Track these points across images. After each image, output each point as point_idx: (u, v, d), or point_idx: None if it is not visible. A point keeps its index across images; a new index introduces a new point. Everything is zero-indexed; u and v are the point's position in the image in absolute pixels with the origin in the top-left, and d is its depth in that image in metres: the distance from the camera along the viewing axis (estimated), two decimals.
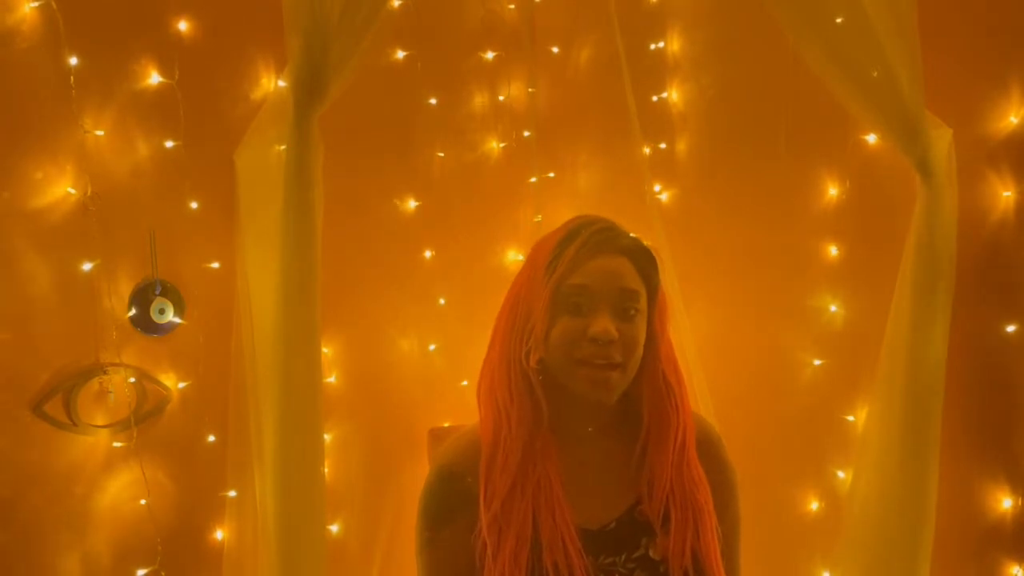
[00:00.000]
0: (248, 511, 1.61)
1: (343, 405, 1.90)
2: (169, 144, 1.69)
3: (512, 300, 1.37)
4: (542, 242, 1.38)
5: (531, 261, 1.36)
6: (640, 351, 1.30)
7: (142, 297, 1.67)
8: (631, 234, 1.35)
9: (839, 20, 1.55)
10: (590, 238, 1.30)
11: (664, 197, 2.13)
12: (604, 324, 1.25)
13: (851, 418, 1.93)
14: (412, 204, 2.00)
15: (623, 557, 1.30)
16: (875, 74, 1.51)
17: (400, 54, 1.98)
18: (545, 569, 1.25)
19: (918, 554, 1.56)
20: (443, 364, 2.01)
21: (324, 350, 1.78)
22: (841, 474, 1.94)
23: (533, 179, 2.10)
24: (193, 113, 1.70)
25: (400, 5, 1.93)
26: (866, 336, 1.80)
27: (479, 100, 2.09)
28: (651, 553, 1.30)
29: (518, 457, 1.29)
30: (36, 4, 1.56)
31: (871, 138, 1.88)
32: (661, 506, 1.31)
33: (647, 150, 2.06)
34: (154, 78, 1.68)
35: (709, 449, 1.40)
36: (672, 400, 1.35)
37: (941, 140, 1.53)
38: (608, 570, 1.29)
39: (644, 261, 1.32)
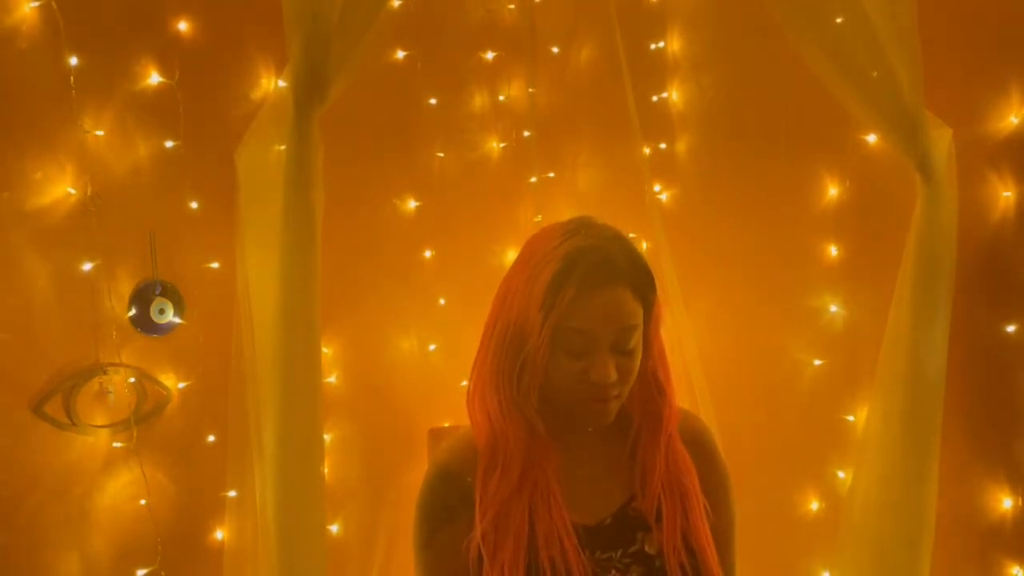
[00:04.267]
0: (248, 511, 1.60)
1: (343, 405, 1.90)
2: (169, 144, 1.69)
3: (500, 300, 1.33)
4: (536, 241, 1.34)
5: (524, 260, 1.33)
6: (637, 370, 1.30)
7: (142, 297, 1.67)
8: (626, 237, 1.32)
9: (839, 20, 1.55)
10: (586, 274, 1.24)
11: (664, 197, 2.13)
12: (605, 369, 1.24)
13: (851, 418, 1.93)
14: (412, 204, 2.00)
15: (619, 552, 1.30)
16: (875, 74, 1.51)
17: (400, 54, 1.97)
18: (542, 566, 1.25)
19: (918, 554, 1.56)
20: (443, 364, 2.01)
21: (324, 350, 1.78)
22: (841, 474, 1.94)
23: (533, 179, 2.10)
24: (193, 113, 1.70)
25: (400, 5, 1.93)
26: (866, 336, 1.80)
27: (479, 100, 2.09)
28: (647, 548, 1.31)
29: (519, 469, 1.29)
30: (36, 4, 1.56)
31: (871, 138, 1.88)
32: (655, 501, 1.32)
33: (647, 150, 2.06)
34: (154, 78, 1.68)
35: (702, 449, 1.40)
36: (664, 398, 1.35)
37: (941, 140, 1.53)
38: (605, 565, 1.29)
39: (641, 281, 1.29)
